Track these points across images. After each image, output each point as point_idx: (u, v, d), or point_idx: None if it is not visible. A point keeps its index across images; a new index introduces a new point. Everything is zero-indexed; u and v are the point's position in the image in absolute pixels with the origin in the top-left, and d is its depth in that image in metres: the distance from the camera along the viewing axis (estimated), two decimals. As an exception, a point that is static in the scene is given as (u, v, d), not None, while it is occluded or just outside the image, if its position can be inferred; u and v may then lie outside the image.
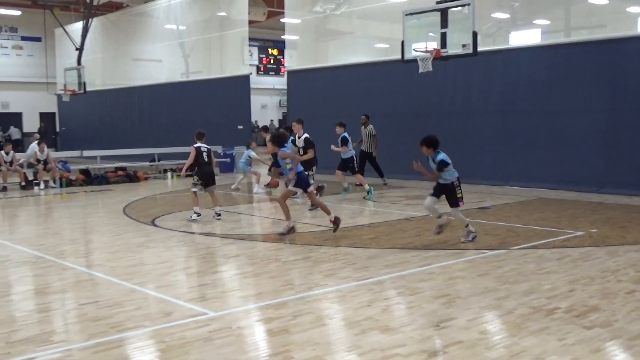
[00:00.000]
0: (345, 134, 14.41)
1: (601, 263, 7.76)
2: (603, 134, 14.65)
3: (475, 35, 12.52)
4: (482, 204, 13.28)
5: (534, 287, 6.68)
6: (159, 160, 23.02)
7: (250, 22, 25.48)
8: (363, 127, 16.49)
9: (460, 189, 9.10)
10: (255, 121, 42.02)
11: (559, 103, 15.26)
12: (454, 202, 9.10)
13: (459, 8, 13.05)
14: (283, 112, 39.40)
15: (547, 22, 22.97)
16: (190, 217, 11.51)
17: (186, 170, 12.12)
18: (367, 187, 14.19)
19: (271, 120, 41.88)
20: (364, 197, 14.11)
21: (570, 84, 15.07)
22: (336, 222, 9.84)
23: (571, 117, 15.05)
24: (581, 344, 4.99)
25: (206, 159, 11.68)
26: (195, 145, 11.67)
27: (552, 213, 11.97)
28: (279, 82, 39.81)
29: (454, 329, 5.37)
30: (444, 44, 13.12)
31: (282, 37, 27.79)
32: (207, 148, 11.80)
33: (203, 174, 11.65)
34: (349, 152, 14.33)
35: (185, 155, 22.34)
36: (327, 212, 10.00)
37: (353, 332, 5.37)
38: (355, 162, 14.50)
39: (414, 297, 6.36)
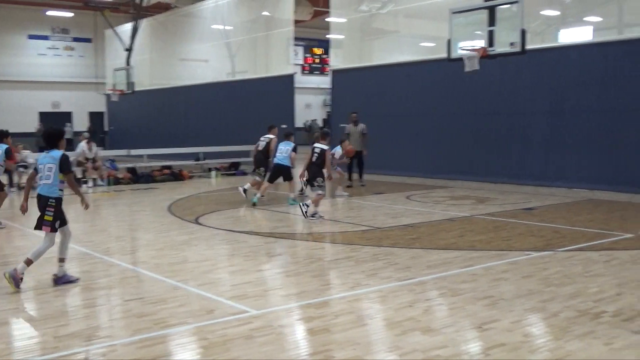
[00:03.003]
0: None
1: (651, 266, 7.55)
2: (657, 133, 14.22)
3: (523, 33, 12.29)
4: (527, 204, 13.06)
5: (580, 290, 6.54)
6: (204, 159, 23.29)
7: (296, 22, 25.53)
8: (353, 125, 16.24)
9: None
10: (312, 120, 42.15)
11: (611, 102, 14.88)
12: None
13: (507, 5, 12.84)
14: (327, 111, 39.40)
15: (599, 19, 22.43)
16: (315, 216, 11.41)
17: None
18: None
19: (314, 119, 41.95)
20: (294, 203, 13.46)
21: (622, 82, 14.67)
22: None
23: (623, 117, 14.65)
24: (629, 349, 4.86)
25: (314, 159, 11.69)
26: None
27: (600, 215, 11.69)
28: (323, 81, 39.81)
29: (497, 331, 5.29)
30: (491, 42, 12.93)
31: (327, 36, 27.78)
32: (321, 148, 11.72)
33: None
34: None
35: (230, 154, 22.63)
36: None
37: (394, 332, 5.34)
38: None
39: (456, 298, 6.29)
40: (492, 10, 12.73)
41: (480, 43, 13.18)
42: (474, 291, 6.53)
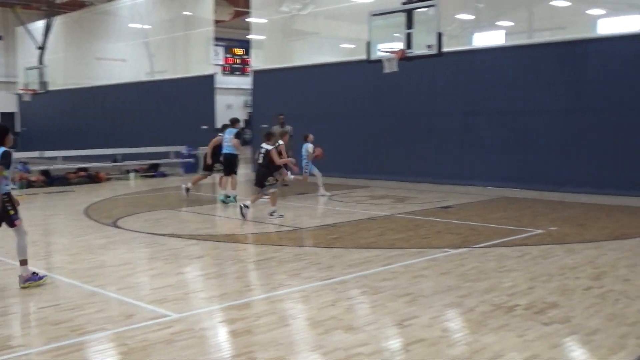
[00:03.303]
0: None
1: (560, 260, 7.90)
2: (564, 134, 14.89)
3: (440, 36, 12.62)
4: (444, 203, 13.42)
5: (494, 284, 6.77)
6: (122, 161, 22.73)
7: (216, 22, 25.33)
8: (280, 127, 16.23)
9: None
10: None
11: (522, 104, 15.47)
12: None
13: (424, 9, 13.14)
14: (248, 112, 39.23)
15: (510, 23, 23.28)
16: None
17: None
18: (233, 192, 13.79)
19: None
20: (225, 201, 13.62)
21: (532, 85, 15.29)
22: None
23: (533, 118, 15.27)
24: (540, 340, 5.07)
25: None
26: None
27: (513, 212, 12.14)
28: (244, 82, 39.60)
29: (417, 327, 5.42)
30: (409, 44, 13.20)
31: (248, 36, 27.68)
32: (266, 149, 11.78)
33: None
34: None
35: (149, 156, 22.17)
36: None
37: (316, 331, 5.38)
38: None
39: (377, 296, 6.40)
40: (409, 13, 13.00)
41: (399, 45, 13.44)
42: (394, 289, 6.66)
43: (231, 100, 42.81)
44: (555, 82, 14.94)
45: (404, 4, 13.13)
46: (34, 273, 6.96)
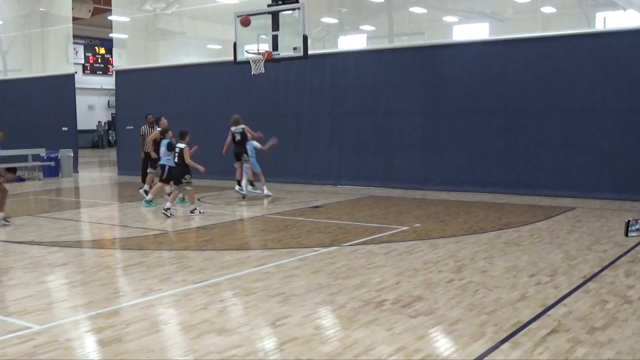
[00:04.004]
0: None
1: (424, 255, 8.28)
2: (424, 134, 15.63)
3: (305, 38, 12.82)
4: (314, 203, 13.65)
5: (364, 281, 6.98)
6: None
7: (74, 19, 24.24)
8: (149, 127, 15.78)
9: None
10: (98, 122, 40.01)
11: (384, 105, 16.07)
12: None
13: (290, 12, 13.30)
14: (112, 113, 37.90)
15: (372, 28, 24.07)
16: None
17: None
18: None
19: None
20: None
21: (394, 87, 15.92)
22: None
23: (396, 119, 15.90)
24: (407, 332, 5.30)
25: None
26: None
27: (379, 210, 12.56)
28: (108, 82, 38.24)
29: (290, 326, 5.48)
30: (275, 46, 13.31)
31: (110, 35, 26.73)
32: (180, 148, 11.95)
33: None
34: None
35: (5, 159, 20.84)
36: None
37: (189, 336, 5.31)
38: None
39: (250, 297, 6.40)
40: (275, 15, 13.11)
41: (265, 47, 13.52)
42: (267, 289, 6.69)
43: (94, 101, 41.21)
44: (415, 84, 15.65)
45: (270, 5, 13.22)
46: None
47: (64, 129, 22.09)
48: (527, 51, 14.47)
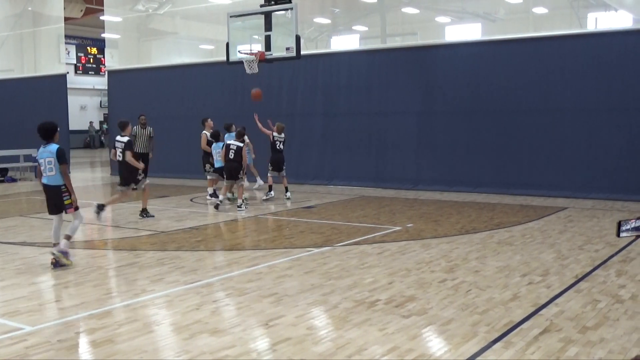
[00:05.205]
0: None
1: (417, 255, 8.29)
2: (417, 134, 15.65)
3: (298, 38, 12.82)
4: (307, 203, 13.65)
5: (356, 281, 6.99)
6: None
7: (66, 19, 24.16)
8: (141, 127, 15.72)
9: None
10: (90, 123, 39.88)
11: (376, 105, 16.09)
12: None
13: (283, 12, 13.29)
14: (104, 114, 37.80)
15: (365, 28, 24.08)
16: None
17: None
18: None
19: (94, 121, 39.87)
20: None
21: (387, 87, 15.94)
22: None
23: (388, 119, 15.92)
24: (400, 332, 5.31)
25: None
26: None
27: (372, 210, 12.57)
28: (100, 82, 38.11)
29: (282, 327, 5.48)
30: (268, 46, 13.30)
31: (102, 35, 26.66)
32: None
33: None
34: None
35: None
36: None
37: (182, 336, 5.30)
38: None
39: (242, 298, 6.40)
40: (268, 15, 13.09)
41: (258, 47, 13.51)
42: (259, 289, 6.69)
43: (86, 101, 41.08)
44: (407, 85, 15.68)
45: (262, 6, 13.21)
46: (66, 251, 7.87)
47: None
48: (519, 52, 14.52)
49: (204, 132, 14.22)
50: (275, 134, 14.13)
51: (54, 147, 7.92)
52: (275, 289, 6.70)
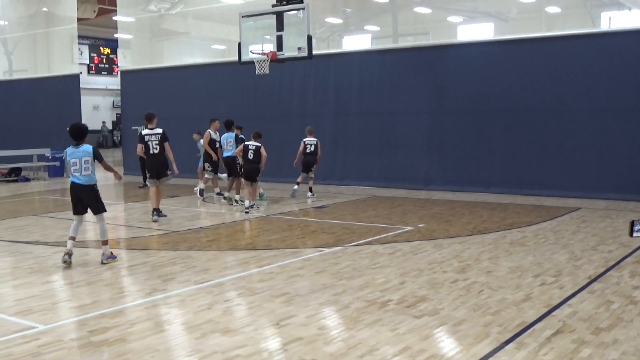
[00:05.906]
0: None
1: (429, 255, 8.26)
2: (429, 134, 15.61)
3: (310, 38, 12.82)
4: (318, 203, 13.64)
5: (368, 281, 6.98)
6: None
7: (80, 20, 24.31)
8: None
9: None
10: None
11: (388, 105, 16.06)
12: None
13: (294, 12, 13.30)
14: (117, 114, 37.95)
15: (377, 28, 24.04)
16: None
17: None
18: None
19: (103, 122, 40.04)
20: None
21: (398, 87, 15.90)
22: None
23: (399, 119, 15.88)
24: (412, 333, 5.29)
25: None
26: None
27: (384, 210, 12.55)
28: (112, 82, 38.29)
29: (294, 327, 5.48)
30: (280, 46, 13.31)
31: (115, 35, 26.79)
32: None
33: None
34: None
35: (10, 159, 20.87)
36: None
37: (193, 336, 5.31)
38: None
39: (254, 298, 6.41)
40: (279, 15, 13.11)
41: (270, 47, 13.52)
42: (271, 289, 6.69)
43: (98, 101, 41.26)
44: (419, 84, 15.63)
45: (274, 6, 13.22)
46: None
47: (68, 129, 22.14)
48: (531, 51, 14.45)
49: (208, 130, 14.18)
50: (306, 139, 14.36)
51: (88, 147, 8.10)
52: (286, 289, 6.69)
